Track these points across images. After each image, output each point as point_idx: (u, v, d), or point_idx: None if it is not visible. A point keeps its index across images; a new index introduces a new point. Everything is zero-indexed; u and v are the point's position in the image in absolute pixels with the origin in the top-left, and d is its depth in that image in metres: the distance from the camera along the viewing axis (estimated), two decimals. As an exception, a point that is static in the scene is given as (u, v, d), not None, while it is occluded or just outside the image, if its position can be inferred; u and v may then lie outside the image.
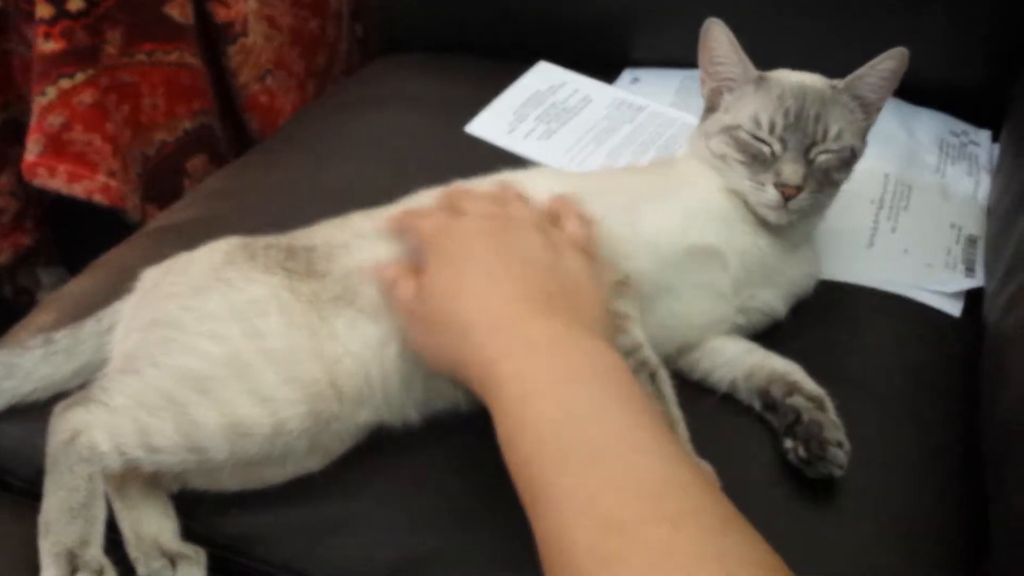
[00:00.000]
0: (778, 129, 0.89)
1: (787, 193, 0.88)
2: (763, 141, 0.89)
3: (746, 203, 0.91)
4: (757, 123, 0.90)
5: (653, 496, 0.57)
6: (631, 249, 0.87)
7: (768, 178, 0.89)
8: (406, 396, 0.83)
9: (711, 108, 0.96)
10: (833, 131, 0.89)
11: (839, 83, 0.92)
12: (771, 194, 0.88)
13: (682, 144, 1.23)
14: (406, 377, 0.83)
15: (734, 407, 0.89)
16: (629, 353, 0.81)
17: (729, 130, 0.91)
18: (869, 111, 0.94)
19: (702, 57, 0.95)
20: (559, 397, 0.64)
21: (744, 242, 0.91)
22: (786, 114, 0.89)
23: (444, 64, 1.48)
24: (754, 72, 0.93)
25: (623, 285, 0.84)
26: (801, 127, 0.89)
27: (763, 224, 0.91)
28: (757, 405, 0.87)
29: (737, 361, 0.88)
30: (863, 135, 0.94)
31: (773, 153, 0.89)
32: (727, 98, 0.94)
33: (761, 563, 0.54)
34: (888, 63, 0.91)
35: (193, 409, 0.75)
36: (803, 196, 0.88)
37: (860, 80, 0.92)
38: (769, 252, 0.92)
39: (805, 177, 0.88)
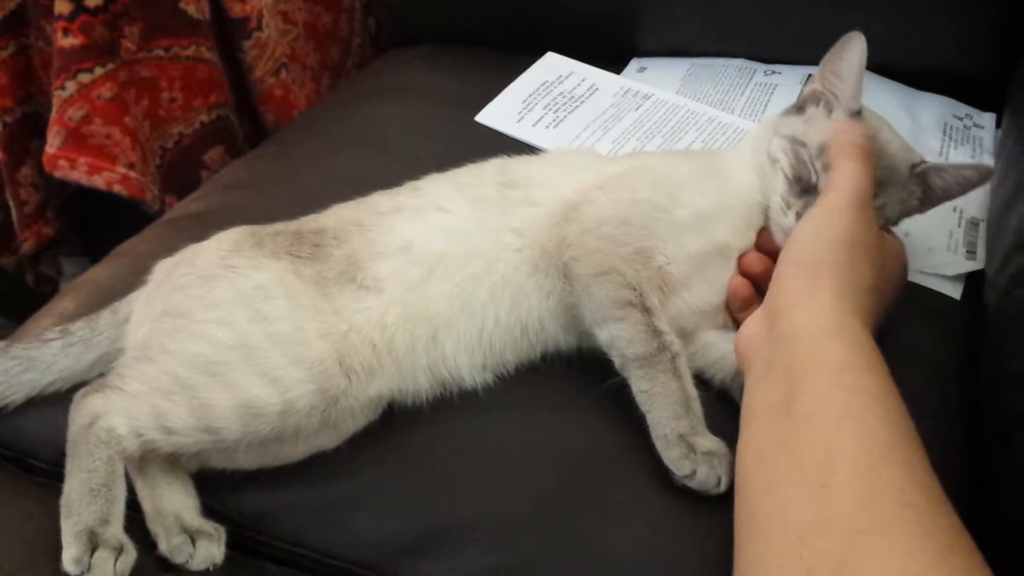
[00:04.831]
0: None
1: None
2: (814, 170, 0.88)
3: (766, 212, 0.91)
4: (821, 152, 0.88)
5: None
6: (660, 242, 0.88)
7: (797, 205, 0.87)
8: (413, 359, 0.86)
9: (800, 107, 0.95)
10: (878, 201, 0.89)
11: (922, 163, 0.92)
12: (790, 220, 0.87)
13: (687, 131, 1.24)
14: (408, 338, 0.85)
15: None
16: (655, 336, 0.82)
17: (795, 142, 0.90)
18: (928, 200, 0.93)
19: (827, 60, 0.92)
20: None
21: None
22: None
23: (454, 57, 1.49)
24: (858, 105, 0.91)
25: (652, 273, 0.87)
26: None
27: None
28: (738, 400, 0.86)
29: (725, 360, 0.89)
30: (909, 214, 0.95)
31: (815, 185, 0.88)
32: (816, 111, 0.93)
33: None
34: (970, 172, 0.92)
35: (205, 392, 0.78)
36: None
37: (938, 173, 0.92)
38: None
39: None
